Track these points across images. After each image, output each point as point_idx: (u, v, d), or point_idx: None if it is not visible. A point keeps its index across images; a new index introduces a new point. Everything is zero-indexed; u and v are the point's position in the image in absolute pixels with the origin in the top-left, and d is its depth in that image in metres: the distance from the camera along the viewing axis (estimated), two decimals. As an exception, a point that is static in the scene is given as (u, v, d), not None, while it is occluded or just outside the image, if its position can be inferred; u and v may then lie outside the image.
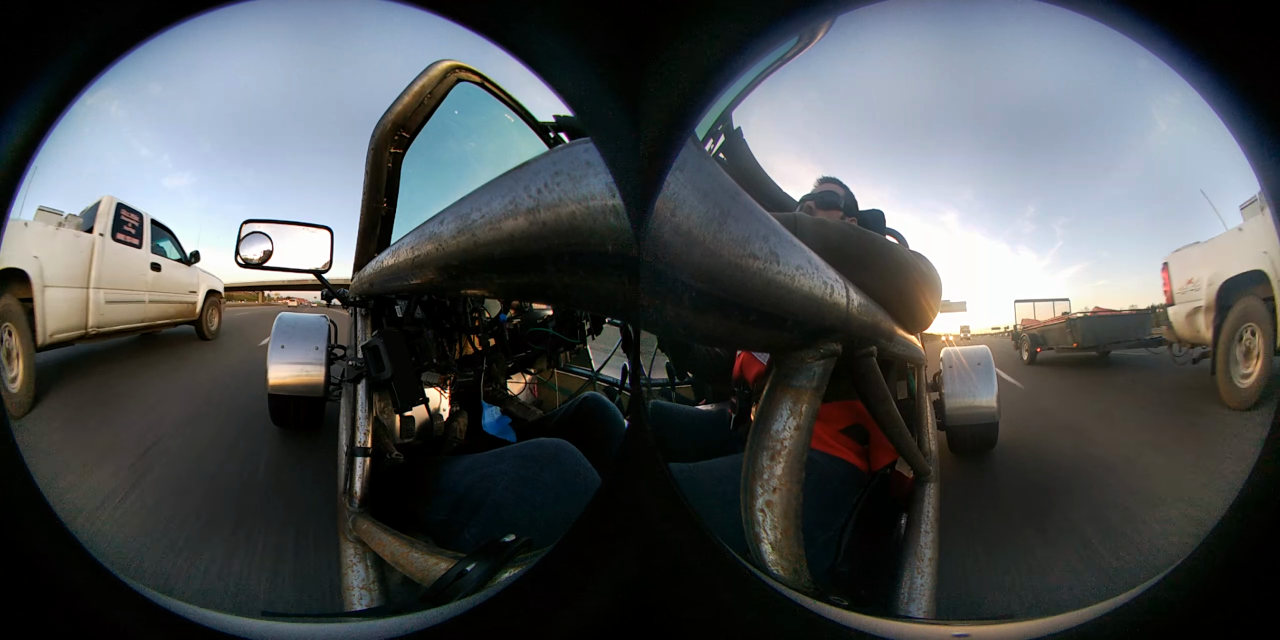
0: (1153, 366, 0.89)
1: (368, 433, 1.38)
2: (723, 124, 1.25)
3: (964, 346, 1.41)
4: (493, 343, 1.86)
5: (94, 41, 0.77)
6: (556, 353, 2.01)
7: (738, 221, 0.68)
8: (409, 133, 1.55)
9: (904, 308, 1.11)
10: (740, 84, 1.12)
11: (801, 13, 0.75)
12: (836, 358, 0.91)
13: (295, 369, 1.65)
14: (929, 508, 1.26)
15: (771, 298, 0.72)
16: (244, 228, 1.51)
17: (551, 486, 1.22)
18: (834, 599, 0.95)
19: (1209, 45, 0.74)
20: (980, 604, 1.14)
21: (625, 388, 1.86)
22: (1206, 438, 0.85)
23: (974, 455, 1.26)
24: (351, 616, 1.18)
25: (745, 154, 1.26)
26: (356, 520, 1.27)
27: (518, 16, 0.77)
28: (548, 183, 0.65)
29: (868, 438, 1.30)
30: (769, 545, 0.89)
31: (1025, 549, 0.96)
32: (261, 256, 1.52)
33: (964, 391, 1.42)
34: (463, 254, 0.78)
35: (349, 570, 1.22)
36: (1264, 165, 0.77)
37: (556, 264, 0.68)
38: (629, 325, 1.23)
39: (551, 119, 1.42)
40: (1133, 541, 0.84)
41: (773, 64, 1.13)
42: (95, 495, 1.11)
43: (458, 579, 0.99)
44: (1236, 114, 0.76)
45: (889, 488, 1.31)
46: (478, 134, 1.69)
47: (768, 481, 0.88)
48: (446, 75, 1.53)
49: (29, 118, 0.77)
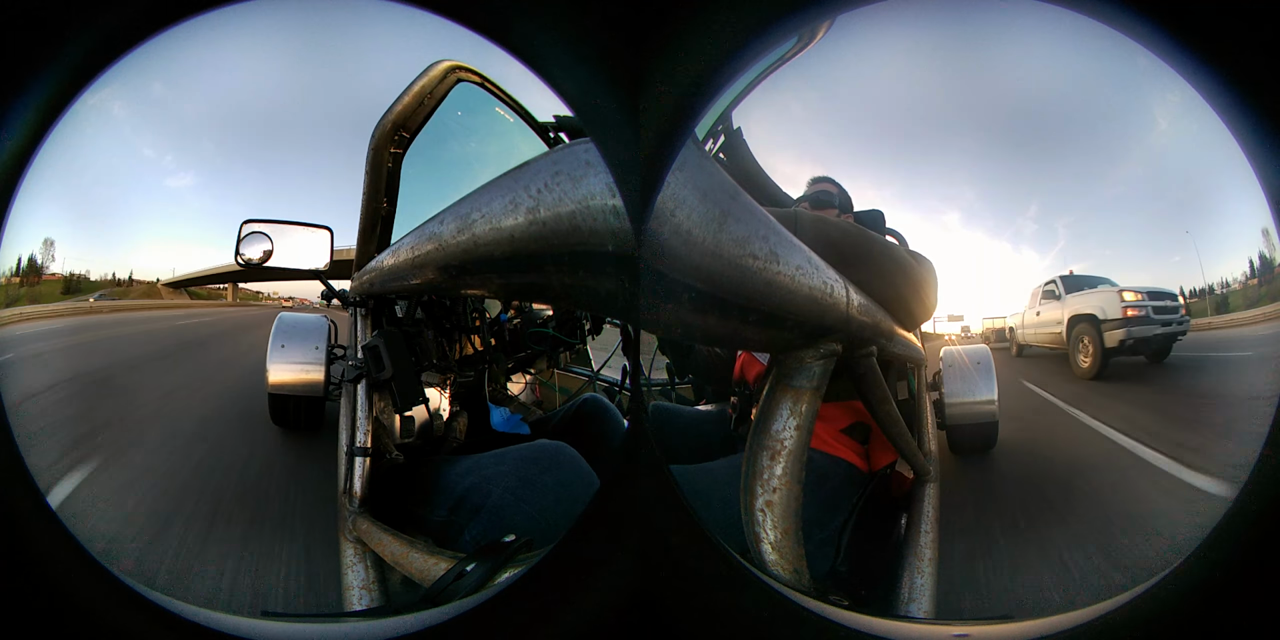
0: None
1: (368, 433, 1.38)
2: (723, 124, 1.25)
3: (964, 346, 1.41)
4: (493, 343, 1.86)
5: (95, 41, 0.77)
6: (556, 353, 2.01)
7: (738, 221, 0.68)
8: (409, 133, 1.55)
9: (903, 307, 1.11)
10: (740, 84, 1.12)
11: (801, 13, 0.75)
12: (836, 358, 0.91)
13: (295, 369, 1.65)
14: (929, 508, 1.26)
15: (771, 298, 0.72)
16: (244, 228, 1.51)
17: (551, 488, 1.22)
18: (834, 599, 0.95)
19: (1208, 45, 0.74)
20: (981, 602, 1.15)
21: (625, 388, 1.86)
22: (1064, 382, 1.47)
23: (973, 449, 1.43)
24: (351, 616, 1.18)
25: (745, 154, 1.26)
26: (356, 520, 1.27)
27: (517, 16, 0.77)
28: (548, 183, 0.65)
29: (868, 438, 1.30)
30: (769, 545, 0.89)
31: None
32: (261, 256, 1.52)
33: (964, 391, 1.42)
34: (463, 254, 0.78)
35: (349, 570, 1.22)
36: (1264, 165, 0.77)
37: (556, 264, 0.68)
38: (629, 325, 1.23)
39: (551, 119, 1.42)
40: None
41: (773, 64, 1.13)
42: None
43: (458, 579, 0.99)
44: (1236, 114, 0.76)
45: (889, 488, 1.31)
46: (478, 134, 1.69)
47: (768, 481, 0.88)
48: (446, 75, 1.53)
49: (29, 117, 0.77)
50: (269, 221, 1.52)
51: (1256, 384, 1.06)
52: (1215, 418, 1.17)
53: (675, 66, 0.72)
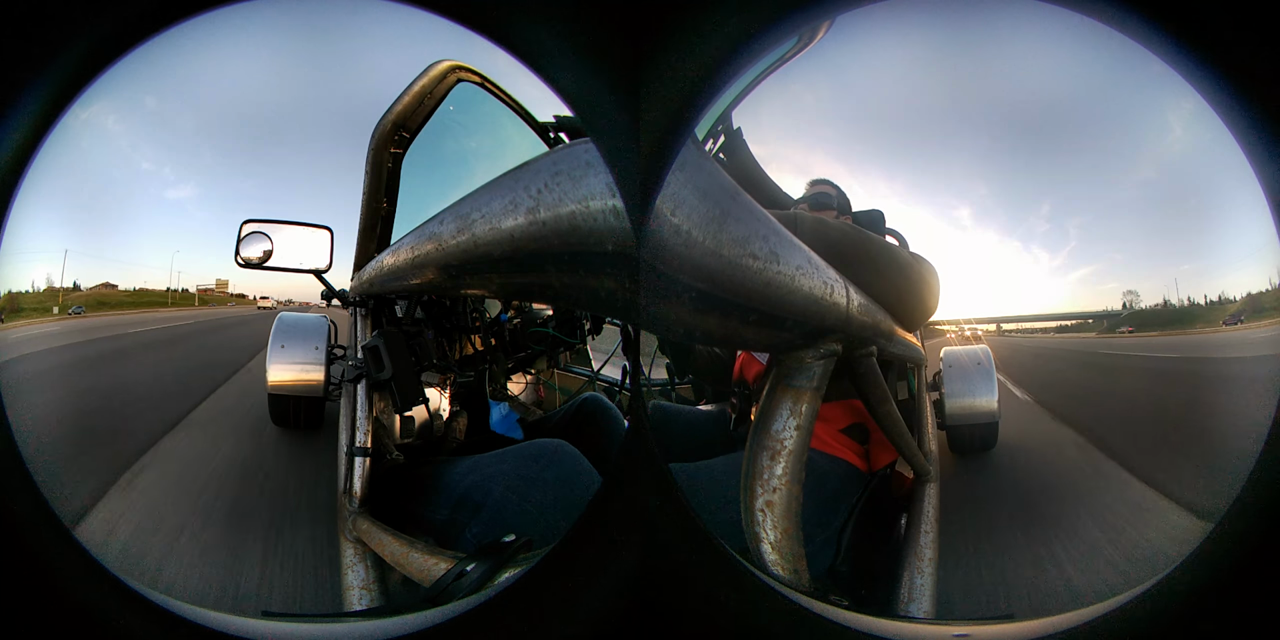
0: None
1: (368, 433, 1.38)
2: (723, 124, 1.25)
3: (964, 346, 1.41)
4: (493, 343, 1.86)
5: (95, 40, 0.77)
6: (556, 353, 2.01)
7: (738, 221, 0.68)
8: (409, 133, 1.55)
9: (903, 307, 1.12)
10: (740, 84, 1.12)
11: (801, 13, 0.75)
12: (836, 358, 0.91)
13: (295, 369, 1.65)
14: (929, 508, 1.26)
15: (771, 298, 0.72)
16: (244, 228, 1.51)
17: (552, 486, 1.22)
18: (834, 599, 0.95)
19: (1209, 47, 0.74)
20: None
21: (625, 388, 1.86)
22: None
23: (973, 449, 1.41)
24: (351, 616, 1.18)
25: (745, 154, 1.26)
26: (356, 520, 1.27)
27: (517, 16, 0.77)
28: (548, 183, 0.65)
29: (868, 438, 1.30)
30: (769, 545, 0.89)
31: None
32: (261, 256, 1.52)
33: (964, 391, 1.42)
34: (463, 254, 0.78)
35: (349, 570, 1.22)
36: (1264, 166, 0.77)
37: (556, 264, 0.68)
38: (629, 325, 1.23)
39: (551, 119, 1.42)
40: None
41: (773, 64, 1.13)
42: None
43: (458, 579, 0.99)
44: (1237, 115, 0.77)
45: (889, 487, 1.31)
46: (478, 134, 1.69)
47: (768, 481, 0.88)
48: (446, 75, 1.53)
49: (29, 117, 0.77)
50: (269, 221, 1.51)
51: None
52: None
53: (675, 66, 0.71)
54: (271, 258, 1.52)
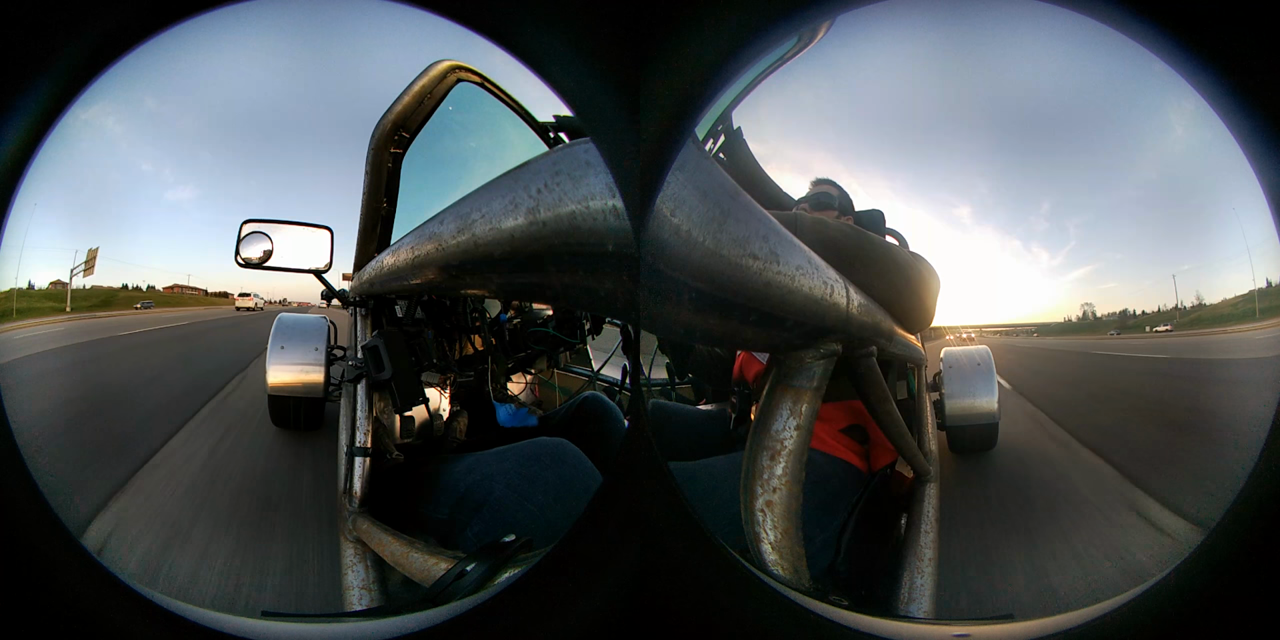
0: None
1: (368, 433, 1.38)
2: (723, 124, 1.25)
3: (964, 346, 1.41)
4: (493, 343, 1.86)
5: (95, 40, 0.77)
6: (556, 353, 2.01)
7: (738, 221, 0.68)
8: (409, 133, 1.55)
9: (903, 308, 1.11)
10: (740, 84, 1.12)
11: (801, 13, 0.75)
12: (836, 358, 0.91)
13: (295, 369, 1.65)
14: (929, 508, 1.26)
15: (771, 298, 0.72)
16: (244, 227, 1.51)
17: (553, 485, 1.22)
18: (834, 599, 0.95)
19: (1210, 47, 0.74)
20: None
21: (625, 388, 1.86)
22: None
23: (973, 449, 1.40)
24: (351, 616, 1.18)
25: (745, 154, 1.26)
26: (356, 520, 1.27)
27: (517, 16, 0.77)
28: (548, 183, 0.65)
29: (868, 438, 1.30)
30: (769, 545, 0.89)
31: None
32: (261, 256, 1.52)
33: (964, 392, 1.42)
34: (463, 254, 0.78)
35: (349, 570, 1.22)
36: (1264, 166, 0.77)
37: (556, 264, 0.68)
38: (629, 325, 1.23)
39: (551, 119, 1.42)
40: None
41: (773, 64, 1.13)
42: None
43: (458, 579, 0.99)
44: (1237, 115, 0.77)
45: (889, 488, 1.31)
46: (477, 134, 1.69)
47: (768, 481, 0.88)
48: (446, 75, 1.53)
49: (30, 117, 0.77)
50: (269, 221, 1.52)
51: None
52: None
53: (675, 66, 0.71)
54: (271, 258, 1.52)
